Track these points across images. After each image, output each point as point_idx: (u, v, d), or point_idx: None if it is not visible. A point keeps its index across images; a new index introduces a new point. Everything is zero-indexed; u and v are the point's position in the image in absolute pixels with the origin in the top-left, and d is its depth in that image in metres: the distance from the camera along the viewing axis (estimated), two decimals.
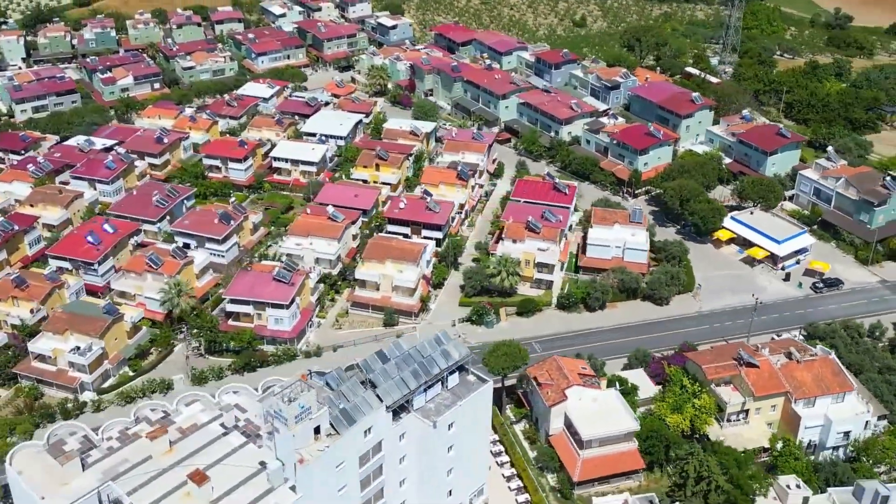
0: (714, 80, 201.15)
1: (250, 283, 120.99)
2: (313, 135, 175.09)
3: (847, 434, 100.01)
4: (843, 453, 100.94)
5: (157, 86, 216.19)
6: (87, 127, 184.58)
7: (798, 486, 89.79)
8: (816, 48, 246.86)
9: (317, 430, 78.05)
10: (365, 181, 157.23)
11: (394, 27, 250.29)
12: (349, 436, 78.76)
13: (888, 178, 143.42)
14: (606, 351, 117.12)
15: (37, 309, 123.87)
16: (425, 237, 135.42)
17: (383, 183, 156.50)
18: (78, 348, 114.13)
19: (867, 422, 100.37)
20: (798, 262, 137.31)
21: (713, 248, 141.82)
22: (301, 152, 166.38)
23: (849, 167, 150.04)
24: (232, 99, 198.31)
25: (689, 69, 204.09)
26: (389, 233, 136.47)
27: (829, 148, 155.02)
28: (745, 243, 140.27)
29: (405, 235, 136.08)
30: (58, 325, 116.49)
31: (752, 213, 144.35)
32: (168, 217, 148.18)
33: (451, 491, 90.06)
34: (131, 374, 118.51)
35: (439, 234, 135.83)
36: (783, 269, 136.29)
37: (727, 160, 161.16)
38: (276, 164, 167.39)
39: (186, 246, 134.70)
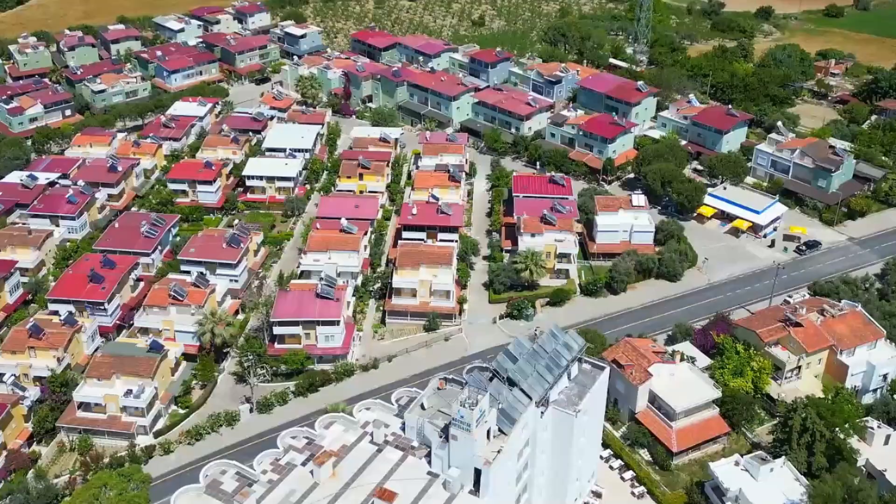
0: (637, 68, 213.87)
1: (295, 303, 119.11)
2: (277, 150, 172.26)
3: (885, 376, 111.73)
4: (880, 394, 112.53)
5: (68, 113, 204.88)
6: (6, 162, 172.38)
7: (879, 427, 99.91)
8: (703, 34, 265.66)
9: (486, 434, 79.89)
10: (351, 191, 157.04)
11: (303, 36, 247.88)
12: (514, 434, 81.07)
13: (837, 147, 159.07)
14: (645, 328, 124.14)
15: (62, 357, 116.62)
16: (441, 240, 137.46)
17: (371, 192, 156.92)
18: (130, 391, 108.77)
19: None
20: (775, 230, 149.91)
21: (697, 223, 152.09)
22: (275, 168, 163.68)
23: (798, 139, 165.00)
24: (169, 120, 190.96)
25: (614, 61, 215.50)
26: (406, 240, 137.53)
27: (779, 123, 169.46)
28: (726, 217, 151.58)
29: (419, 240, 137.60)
30: (103, 370, 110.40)
31: (724, 188, 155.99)
32: (158, 247, 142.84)
33: (577, 477, 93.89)
34: (181, 411, 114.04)
35: (455, 236, 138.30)
36: (765, 236, 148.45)
37: (683, 142, 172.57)
38: (249, 183, 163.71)
39: (201, 275, 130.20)
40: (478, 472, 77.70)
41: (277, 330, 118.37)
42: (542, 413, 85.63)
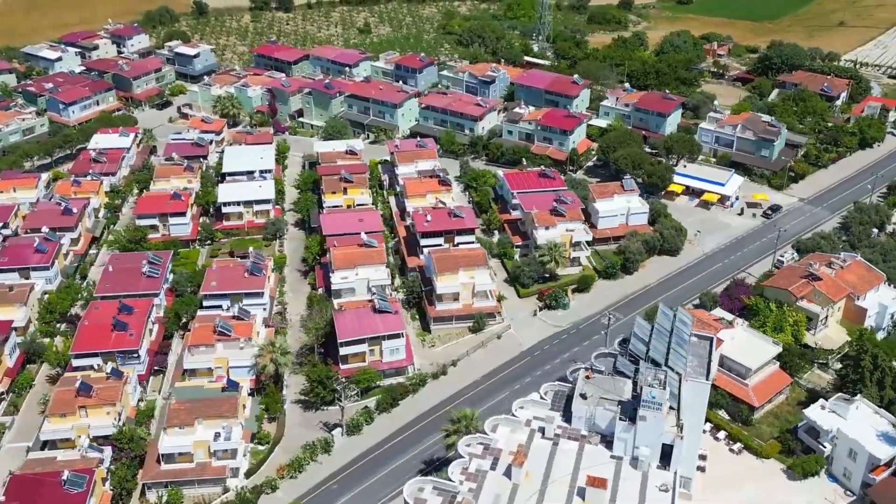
0: (546, 62, 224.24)
1: (356, 321, 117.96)
2: (237, 173, 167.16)
3: (892, 315, 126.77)
4: (887, 331, 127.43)
5: None
6: None
7: None
8: (582, 27, 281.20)
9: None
10: (338, 206, 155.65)
11: (196, 55, 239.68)
12: (682, 410, 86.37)
13: (771, 118, 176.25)
14: (672, 301, 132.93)
15: (119, 411, 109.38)
16: (458, 243, 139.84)
17: (359, 205, 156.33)
18: (218, 434, 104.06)
19: None
20: (737, 199, 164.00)
21: (668, 200, 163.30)
22: (251, 192, 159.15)
23: (733, 115, 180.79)
24: (98, 154, 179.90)
25: (529, 59, 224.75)
26: (423, 247, 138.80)
27: (716, 102, 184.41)
28: (693, 192, 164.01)
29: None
30: (183, 417, 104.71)
31: (685, 165, 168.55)
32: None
33: None
34: (261, 448, 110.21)
35: (472, 238, 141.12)
36: (732, 206, 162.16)
37: (628, 127, 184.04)
38: (225, 210, 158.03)
39: (241, 307, 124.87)
40: (666, 447, 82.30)
41: (344, 350, 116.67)
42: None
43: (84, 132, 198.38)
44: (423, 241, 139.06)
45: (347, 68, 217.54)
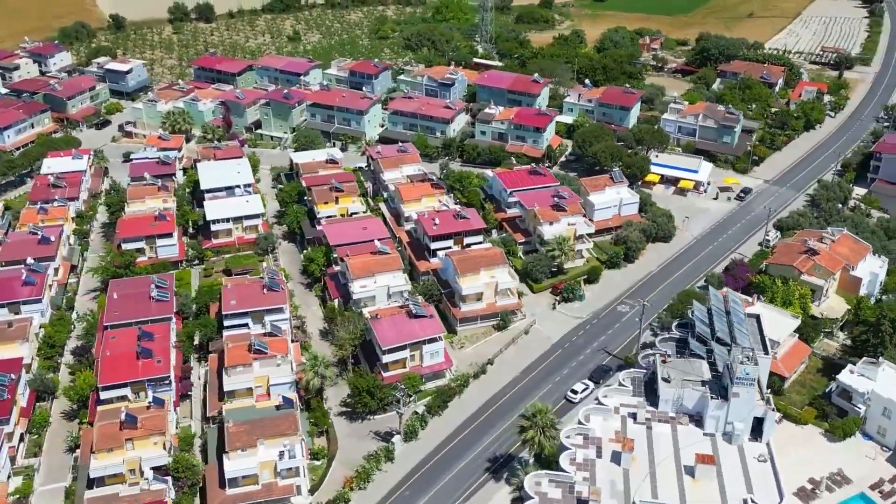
0: (497, 63, 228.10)
1: (394, 328, 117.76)
2: (215, 190, 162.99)
3: (881, 282, 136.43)
4: (876, 297, 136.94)
5: None
6: None
7: None
8: (515, 27, 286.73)
9: None
10: (332, 216, 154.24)
11: (129, 71, 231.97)
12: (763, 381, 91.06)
13: (728, 106, 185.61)
14: (679, 284, 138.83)
15: (167, 440, 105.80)
16: (467, 245, 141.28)
17: (352, 213, 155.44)
18: (282, 453, 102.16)
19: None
20: (709, 184, 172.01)
21: (646, 190, 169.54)
22: (239, 208, 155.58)
23: (693, 105, 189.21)
24: (57, 179, 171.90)
25: (479, 60, 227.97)
26: (434, 250, 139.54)
27: (675, 94, 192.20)
28: (668, 180, 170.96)
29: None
30: (244, 439, 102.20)
31: (657, 156, 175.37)
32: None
33: None
34: (317, 463, 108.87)
35: (480, 238, 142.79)
36: (706, 191, 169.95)
37: (593, 121, 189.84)
38: (214, 228, 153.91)
39: (273, 324, 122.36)
40: (757, 420, 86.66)
41: (386, 358, 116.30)
42: None
43: (27, 156, 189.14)
44: (434, 245, 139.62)
45: (301, 77, 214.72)
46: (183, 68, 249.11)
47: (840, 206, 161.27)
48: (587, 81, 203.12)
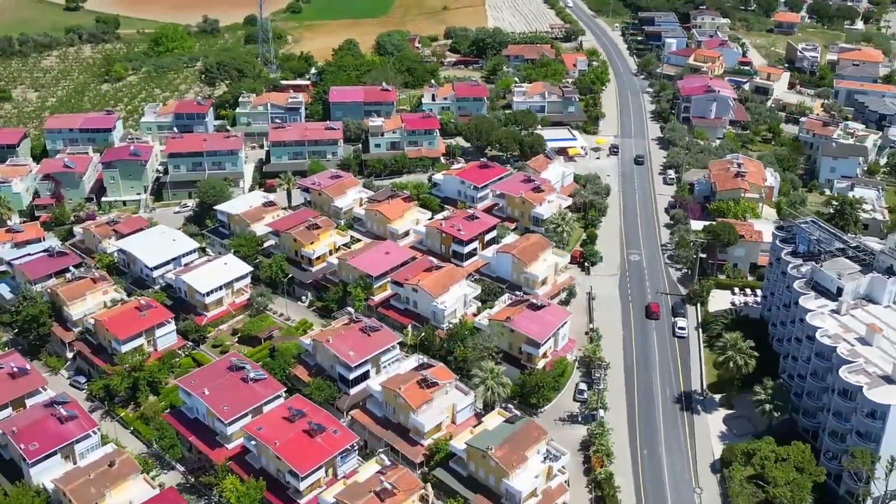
0: (305, 82, 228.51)
1: (539, 321, 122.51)
2: (163, 264, 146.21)
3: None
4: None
5: None
6: None
7: None
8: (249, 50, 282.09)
9: None
10: (324, 253, 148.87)
11: None
12: None
13: (565, 82, 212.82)
14: (650, 221, 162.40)
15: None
16: (489, 241, 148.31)
17: (343, 245, 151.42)
18: (553, 457, 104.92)
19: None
20: (584, 148, 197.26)
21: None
22: (224, 273, 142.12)
23: (532, 85, 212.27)
24: None
25: (286, 82, 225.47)
26: (466, 255, 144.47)
27: (515, 79, 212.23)
28: (557, 151, 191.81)
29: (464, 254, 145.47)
30: (515, 457, 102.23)
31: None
32: None
33: None
34: None
35: (496, 234, 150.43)
36: (586, 154, 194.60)
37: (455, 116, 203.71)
38: (208, 301, 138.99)
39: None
40: None
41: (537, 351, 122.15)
42: None
43: None
44: (455, 248, 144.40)
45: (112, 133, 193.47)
46: None
47: (688, 139, 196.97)
48: (433, 82, 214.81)
